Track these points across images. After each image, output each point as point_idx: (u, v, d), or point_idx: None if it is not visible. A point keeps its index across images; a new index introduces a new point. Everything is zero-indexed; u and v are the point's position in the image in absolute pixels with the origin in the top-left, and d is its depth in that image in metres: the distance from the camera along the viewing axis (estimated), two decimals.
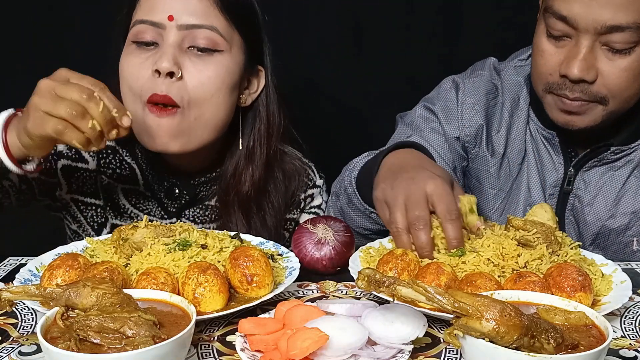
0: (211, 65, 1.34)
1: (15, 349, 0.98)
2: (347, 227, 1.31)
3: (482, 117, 1.52)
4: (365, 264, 1.21)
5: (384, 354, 0.92)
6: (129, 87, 1.35)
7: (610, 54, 1.29)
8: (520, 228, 1.18)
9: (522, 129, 1.51)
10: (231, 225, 1.46)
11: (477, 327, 0.83)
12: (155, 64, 1.31)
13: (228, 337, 1.01)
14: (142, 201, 1.49)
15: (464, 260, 1.13)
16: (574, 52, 1.30)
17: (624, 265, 1.31)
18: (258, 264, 1.07)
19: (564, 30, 1.31)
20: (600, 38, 1.28)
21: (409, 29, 2.05)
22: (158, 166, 1.48)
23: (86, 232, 1.51)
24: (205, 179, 1.50)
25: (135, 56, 1.34)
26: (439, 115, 1.54)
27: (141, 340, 0.84)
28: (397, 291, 0.86)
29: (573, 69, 1.30)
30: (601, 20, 1.25)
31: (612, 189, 1.45)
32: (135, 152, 1.49)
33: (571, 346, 0.85)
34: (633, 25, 1.25)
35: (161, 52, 1.32)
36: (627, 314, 1.10)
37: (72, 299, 0.90)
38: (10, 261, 1.32)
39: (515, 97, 1.53)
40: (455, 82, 1.57)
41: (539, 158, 1.50)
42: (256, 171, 1.45)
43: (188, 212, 1.51)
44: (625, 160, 1.45)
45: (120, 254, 1.16)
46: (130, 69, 1.35)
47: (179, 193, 1.49)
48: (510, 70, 1.55)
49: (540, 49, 1.36)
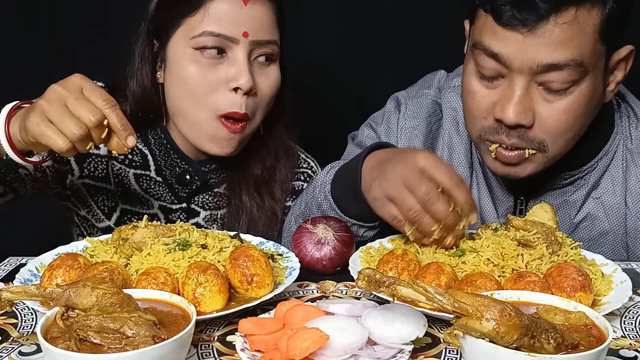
0: (272, 74, 1.44)
1: (15, 349, 0.98)
2: (347, 227, 1.31)
3: (420, 141, 1.45)
4: (365, 264, 1.21)
5: (384, 354, 0.92)
6: (192, 94, 1.39)
7: (548, 95, 1.20)
8: (521, 228, 1.18)
9: (465, 155, 1.43)
10: (241, 212, 1.51)
11: (477, 327, 0.83)
12: (235, 81, 1.37)
13: (228, 337, 1.01)
14: (153, 186, 1.52)
15: (464, 260, 1.13)
16: (508, 94, 1.20)
17: (624, 265, 1.31)
18: (258, 264, 1.07)
19: (496, 69, 1.21)
20: (537, 77, 1.18)
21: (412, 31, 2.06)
22: (171, 152, 1.52)
23: (96, 216, 1.53)
24: (216, 165, 1.53)
25: (202, 65, 1.38)
26: (381, 137, 1.50)
27: (141, 340, 0.84)
28: (397, 291, 0.86)
29: (508, 113, 1.19)
30: (537, 58, 1.15)
31: (567, 216, 1.39)
32: (147, 138, 1.52)
33: (571, 346, 0.85)
34: (571, 63, 1.15)
35: (237, 67, 1.37)
36: (627, 314, 1.10)
37: (72, 299, 0.90)
38: (10, 261, 1.32)
39: (454, 122, 1.44)
40: (398, 103, 1.51)
41: (489, 185, 1.42)
42: (267, 157, 1.53)
43: (197, 199, 1.54)
44: (578, 184, 1.37)
45: (120, 254, 1.16)
46: (197, 79, 1.38)
47: (190, 179, 1.52)
48: (449, 92, 1.46)
49: (470, 91, 1.26)
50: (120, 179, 1.51)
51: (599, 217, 1.39)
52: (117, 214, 1.52)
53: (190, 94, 1.39)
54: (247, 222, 1.53)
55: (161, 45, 1.44)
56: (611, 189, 1.37)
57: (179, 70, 1.39)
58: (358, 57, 2.08)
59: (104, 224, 1.53)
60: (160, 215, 1.53)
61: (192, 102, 1.39)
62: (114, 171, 1.51)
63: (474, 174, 1.44)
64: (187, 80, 1.39)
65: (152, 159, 1.52)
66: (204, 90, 1.38)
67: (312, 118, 2.11)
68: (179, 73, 1.39)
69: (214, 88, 1.38)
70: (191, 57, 1.38)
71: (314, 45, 2.05)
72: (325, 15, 2.07)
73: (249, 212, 1.52)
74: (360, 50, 2.08)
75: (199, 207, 1.53)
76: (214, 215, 1.54)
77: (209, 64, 1.38)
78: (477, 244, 1.17)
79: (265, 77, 1.42)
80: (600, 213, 1.39)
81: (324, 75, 2.08)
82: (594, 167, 1.37)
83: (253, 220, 1.53)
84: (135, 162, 1.52)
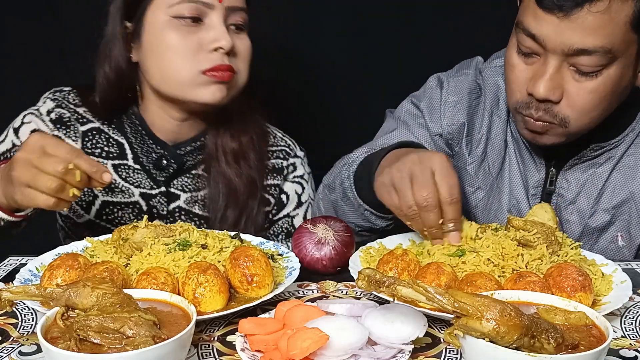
0: (245, 40, 1.52)
1: (15, 349, 0.98)
2: (347, 227, 1.31)
3: (464, 115, 1.53)
4: (365, 264, 1.21)
5: (384, 354, 0.92)
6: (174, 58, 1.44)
7: (577, 75, 1.28)
8: (521, 228, 1.18)
9: (502, 129, 1.52)
10: (219, 182, 1.56)
11: (477, 327, 0.83)
12: (216, 42, 1.44)
13: (228, 337, 1.01)
14: (132, 174, 1.56)
15: (464, 260, 1.13)
16: (541, 71, 1.29)
17: (624, 265, 1.31)
18: (258, 264, 1.07)
19: (532, 48, 1.30)
20: (568, 59, 1.27)
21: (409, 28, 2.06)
22: (147, 138, 1.56)
23: (76, 212, 1.56)
24: (191, 147, 1.58)
25: (181, 31, 1.44)
26: (424, 112, 1.56)
27: (141, 340, 0.84)
28: (398, 291, 0.86)
29: (539, 88, 1.29)
30: (569, 42, 1.24)
31: (594, 187, 1.46)
32: (124, 127, 1.57)
33: (571, 346, 0.85)
34: (600, 50, 1.23)
35: (216, 30, 1.44)
36: (627, 314, 1.10)
37: (72, 299, 0.90)
38: (11, 261, 1.32)
39: (495, 97, 1.53)
40: (440, 80, 1.59)
41: (521, 158, 1.50)
42: (241, 134, 1.59)
43: (176, 182, 1.57)
44: (606, 156, 1.45)
45: (121, 254, 1.16)
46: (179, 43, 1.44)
47: (167, 163, 1.56)
48: (490, 71, 1.56)
49: (510, 64, 1.36)
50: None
51: (620, 186, 1.46)
52: (95, 207, 1.55)
53: (173, 59, 1.45)
54: (227, 193, 1.56)
55: (135, 23, 1.48)
56: (633, 162, 1.45)
57: (159, 40, 1.45)
58: (362, 57, 2.09)
59: (84, 219, 1.56)
60: (142, 202, 1.55)
61: (177, 66, 1.45)
62: None
63: (507, 147, 1.52)
64: (169, 46, 1.45)
65: (129, 147, 1.56)
66: (186, 53, 1.44)
67: (318, 117, 2.13)
68: (159, 42, 1.45)
69: (196, 50, 1.44)
70: (170, 25, 1.44)
71: (315, 44, 2.07)
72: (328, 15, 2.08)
73: (228, 182, 1.56)
74: (363, 50, 2.09)
75: (178, 191, 1.56)
76: (195, 197, 1.57)
77: (187, 30, 1.44)
78: (477, 244, 1.17)
79: (240, 41, 1.50)
80: (621, 183, 1.46)
81: (330, 74, 2.10)
82: (621, 141, 1.44)
83: (233, 189, 1.56)
84: (113, 153, 1.56)
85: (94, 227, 1.54)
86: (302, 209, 1.66)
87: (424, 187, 1.15)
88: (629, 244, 1.46)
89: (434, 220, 1.16)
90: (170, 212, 1.56)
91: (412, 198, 1.16)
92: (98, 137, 1.55)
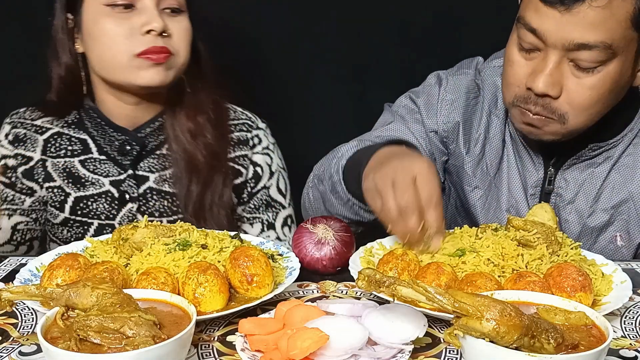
0: (182, 22, 1.54)
1: (15, 349, 0.98)
2: (347, 227, 1.31)
3: (459, 114, 1.54)
4: (365, 264, 1.21)
5: (384, 354, 0.92)
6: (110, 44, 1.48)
7: (577, 71, 1.28)
8: (521, 228, 1.18)
9: (500, 129, 1.53)
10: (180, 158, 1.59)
11: (477, 327, 0.83)
12: (147, 25, 1.47)
13: (228, 337, 1.01)
14: (99, 166, 1.60)
15: (464, 260, 1.13)
16: (541, 66, 1.30)
17: (624, 265, 1.31)
18: (258, 263, 1.07)
19: (533, 43, 1.30)
20: (568, 54, 1.27)
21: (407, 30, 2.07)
22: (107, 128, 1.60)
23: (52, 214, 1.60)
24: (151, 129, 1.61)
25: (115, 17, 1.48)
26: (421, 108, 1.57)
27: (141, 340, 0.84)
28: (398, 291, 0.86)
29: (538, 83, 1.29)
30: (570, 37, 1.24)
31: (592, 187, 1.46)
32: (84, 124, 1.62)
33: (571, 346, 0.85)
34: (600, 45, 1.24)
35: (147, 14, 1.47)
36: (627, 314, 1.10)
37: (72, 299, 0.90)
38: (11, 261, 1.32)
39: (494, 97, 1.54)
40: (439, 78, 1.60)
41: (519, 158, 1.51)
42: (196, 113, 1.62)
43: (143, 164, 1.61)
44: (605, 156, 1.45)
45: (121, 254, 1.16)
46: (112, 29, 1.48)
47: (130, 147, 1.60)
48: (489, 71, 1.56)
49: (510, 60, 1.36)
50: (69, 172, 1.59)
51: (618, 186, 1.46)
52: (69, 204, 1.58)
53: (109, 44, 1.49)
54: (189, 169, 1.59)
55: (75, 14, 1.53)
56: (632, 162, 1.45)
57: (96, 28, 1.50)
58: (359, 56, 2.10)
59: (60, 218, 1.59)
60: (113, 190, 1.58)
61: (112, 51, 1.49)
62: (60, 167, 1.59)
63: (505, 147, 1.53)
64: (104, 33, 1.49)
65: (92, 141, 1.61)
66: (120, 38, 1.48)
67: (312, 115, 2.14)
68: (96, 30, 1.50)
69: (129, 34, 1.47)
70: (103, 12, 1.48)
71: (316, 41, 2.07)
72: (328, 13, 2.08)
73: (189, 158, 1.59)
74: (362, 49, 2.09)
75: (146, 172, 1.60)
76: (163, 176, 1.61)
77: (121, 17, 1.48)
78: (477, 244, 1.17)
79: (175, 23, 1.52)
80: (620, 183, 1.46)
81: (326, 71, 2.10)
82: (619, 141, 1.44)
83: (194, 165, 1.59)
84: (77, 150, 1.60)
85: (71, 223, 1.58)
86: (274, 179, 1.71)
87: (404, 191, 1.15)
88: (628, 243, 1.46)
89: (415, 224, 1.14)
90: (142, 194, 1.59)
91: (393, 202, 1.16)
92: (60, 140, 1.60)
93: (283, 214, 1.72)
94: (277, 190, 1.71)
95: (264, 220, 1.70)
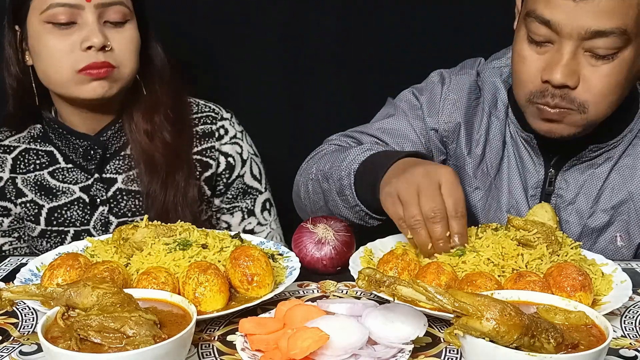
0: (126, 32, 1.53)
1: (16, 349, 0.98)
2: (348, 227, 1.31)
3: (460, 115, 1.53)
4: (365, 263, 1.21)
5: (385, 353, 0.93)
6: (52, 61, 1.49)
7: (594, 59, 1.28)
8: (521, 228, 1.18)
9: (500, 130, 1.52)
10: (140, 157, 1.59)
11: (477, 327, 0.83)
12: (87, 41, 1.46)
13: (228, 337, 1.02)
14: (67, 174, 1.61)
15: (464, 260, 1.13)
16: (556, 57, 1.29)
17: (624, 265, 1.31)
18: (258, 263, 1.07)
19: (546, 36, 1.29)
20: (584, 44, 1.27)
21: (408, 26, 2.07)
22: (69, 136, 1.61)
23: (29, 228, 1.61)
24: (112, 131, 1.62)
25: (57, 34, 1.48)
26: (424, 104, 1.57)
27: (142, 339, 0.84)
28: (398, 291, 0.86)
29: (556, 75, 1.28)
30: (585, 25, 1.24)
31: (592, 187, 1.46)
32: (48, 137, 1.63)
33: (571, 346, 0.85)
34: (617, 31, 1.24)
35: (87, 29, 1.47)
36: (627, 313, 1.10)
37: (72, 299, 0.90)
38: (11, 261, 1.32)
39: (493, 98, 1.53)
40: (442, 77, 1.59)
41: (520, 159, 1.50)
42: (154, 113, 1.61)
43: (109, 167, 1.61)
44: (605, 157, 1.45)
45: (121, 254, 1.16)
46: (54, 46, 1.48)
47: (94, 152, 1.61)
48: (489, 72, 1.56)
49: (521, 56, 1.35)
50: (40, 184, 1.60)
51: (618, 187, 1.46)
52: (43, 216, 1.59)
53: (51, 61, 1.49)
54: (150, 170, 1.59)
55: (22, 28, 1.53)
56: (631, 162, 1.45)
57: (39, 44, 1.50)
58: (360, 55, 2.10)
59: (37, 231, 1.60)
60: (84, 196, 1.59)
61: (55, 67, 1.49)
62: (31, 182, 1.60)
63: (506, 148, 1.52)
64: (46, 49, 1.49)
65: (58, 151, 1.62)
66: (61, 54, 1.48)
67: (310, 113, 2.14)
68: (39, 45, 1.50)
69: (70, 51, 1.47)
70: (46, 30, 1.48)
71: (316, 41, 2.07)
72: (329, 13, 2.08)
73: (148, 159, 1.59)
74: (362, 48, 2.10)
75: (113, 174, 1.60)
76: (130, 176, 1.61)
77: (62, 33, 1.48)
78: (477, 243, 1.17)
79: (119, 35, 1.51)
80: (619, 183, 1.46)
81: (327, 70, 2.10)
82: (619, 142, 1.45)
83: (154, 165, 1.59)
84: (45, 162, 1.61)
85: (48, 234, 1.60)
86: (247, 167, 1.70)
87: (431, 199, 1.15)
88: (628, 244, 1.46)
89: (442, 233, 1.15)
90: (112, 197, 1.59)
91: (417, 209, 1.16)
92: (27, 155, 1.62)
93: (261, 198, 1.72)
94: (252, 177, 1.71)
95: (243, 208, 1.71)
